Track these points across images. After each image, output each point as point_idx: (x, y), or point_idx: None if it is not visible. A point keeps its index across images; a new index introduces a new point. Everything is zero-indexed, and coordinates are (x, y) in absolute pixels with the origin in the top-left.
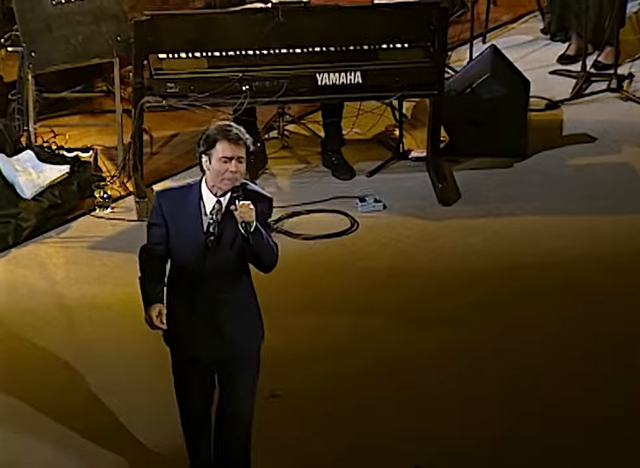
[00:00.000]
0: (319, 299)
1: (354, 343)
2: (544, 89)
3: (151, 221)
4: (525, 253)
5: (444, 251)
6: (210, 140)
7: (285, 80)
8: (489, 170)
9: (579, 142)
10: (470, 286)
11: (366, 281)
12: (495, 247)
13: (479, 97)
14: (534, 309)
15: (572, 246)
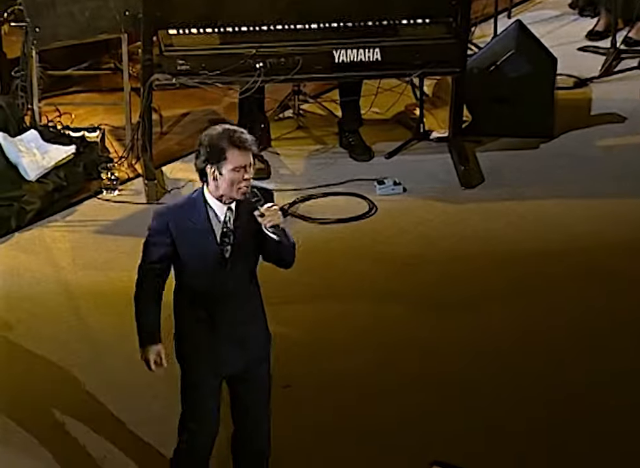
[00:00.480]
0: (336, 287)
1: (373, 331)
2: (571, 66)
3: (151, 240)
4: (549, 238)
5: (466, 236)
6: (217, 150)
7: (301, 57)
8: (513, 151)
9: (608, 122)
10: (492, 272)
11: (384, 267)
12: (519, 232)
13: (504, 75)
14: (558, 294)
15: (598, 230)
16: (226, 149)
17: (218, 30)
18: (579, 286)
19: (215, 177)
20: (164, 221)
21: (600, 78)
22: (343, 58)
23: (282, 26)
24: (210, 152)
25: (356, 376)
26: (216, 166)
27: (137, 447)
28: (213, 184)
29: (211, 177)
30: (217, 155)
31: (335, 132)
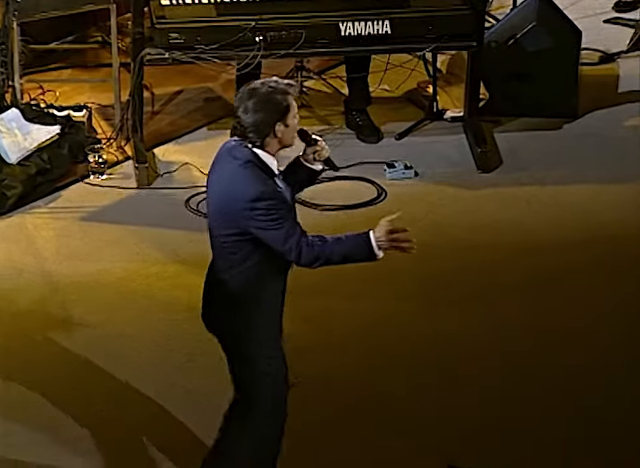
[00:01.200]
0: (342, 278)
1: (383, 326)
2: (597, 40)
3: (288, 218)
4: (573, 226)
5: (482, 224)
6: (283, 104)
7: (304, 29)
8: (534, 132)
9: (636, 100)
10: (511, 263)
11: (393, 258)
12: (540, 219)
13: (524, 50)
14: (583, 287)
15: (626, 217)
16: (288, 100)
17: (214, 1)
18: (606, 277)
19: (282, 132)
20: (278, 191)
21: (628, 53)
22: (349, 31)
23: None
24: (276, 108)
25: (365, 372)
26: (282, 121)
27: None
28: (274, 142)
29: (279, 133)
30: (282, 109)
31: (342, 111)
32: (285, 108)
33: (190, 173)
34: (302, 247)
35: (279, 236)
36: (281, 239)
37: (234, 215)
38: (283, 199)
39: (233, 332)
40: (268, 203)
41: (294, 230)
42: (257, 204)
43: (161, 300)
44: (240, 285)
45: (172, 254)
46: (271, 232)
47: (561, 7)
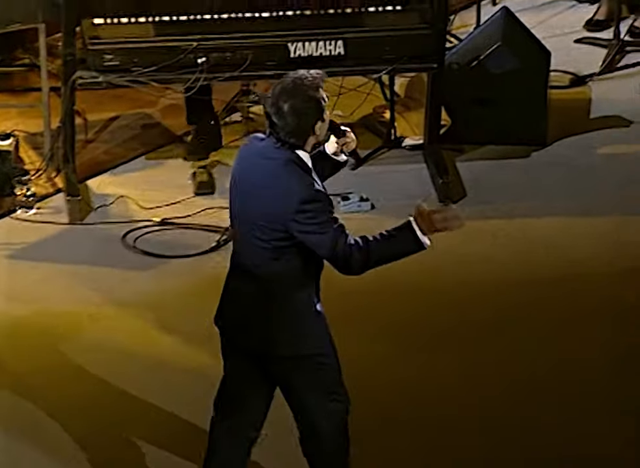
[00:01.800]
0: None
1: (350, 368)
2: (567, 61)
3: (333, 215)
4: (543, 263)
5: (447, 260)
6: (320, 102)
7: (250, 50)
8: (500, 161)
9: (610, 126)
10: (479, 300)
11: (347, 298)
12: (508, 254)
13: (488, 72)
14: (554, 328)
15: (600, 253)
16: (321, 95)
17: (152, 19)
18: (578, 318)
19: (320, 129)
20: (324, 192)
21: (600, 75)
22: (299, 52)
23: (228, 15)
24: (314, 110)
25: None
26: (320, 118)
27: None
28: (313, 139)
29: (318, 131)
30: (321, 107)
31: None
32: (323, 104)
33: (127, 207)
34: (353, 252)
35: (326, 240)
36: (328, 244)
37: (282, 217)
38: (330, 201)
39: (285, 346)
40: (317, 205)
41: (341, 233)
42: (306, 206)
43: (96, 344)
44: (278, 292)
45: (107, 294)
46: (317, 236)
47: (528, 26)
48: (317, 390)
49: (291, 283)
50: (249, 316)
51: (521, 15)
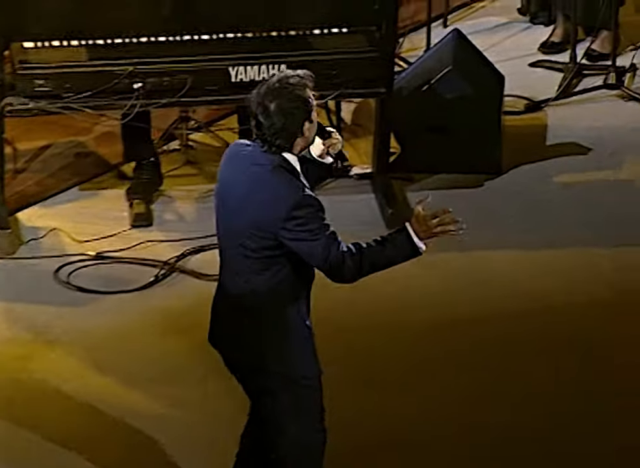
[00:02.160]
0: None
1: None
2: (522, 86)
3: (325, 221)
4: (498, 299)
5: (393, 297)
6: (308, 101)
7: (189, 75)
8: (452, 191)
9: (568, 154)
10: (432, 339)
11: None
12: (462, 289)
13: (440, 97)
14: (511, 368)
15: (559, 288)
16: (309, 95)
17: (85, 43)
18: (538, 357)
19: (308, 130)
20: (314, 197)
21: (557, 100)
22: (241, 76)
23: (166, 38)
24: (303, 105)
25: None
26: (308, 119)
27: None
28: (301, 141)
29: (306, 132)
30: (309, 107)
31: None
32: (311, 103)
33: (60, 240)
34: (346, 259)
35: (318, 248)
36: (319, 252)
37: (271, 225)
38: (321, 206)
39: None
40: (307, 211)
41: (334, 241)
42: (296, 212)
43: (31, 388)
44: (268, 306)
45: (40, 332)
46: (308, 244)
47: (481, 48)
48: (298, 415)
49: (280, 298)
50: (239, 333)
51: (473, 37)
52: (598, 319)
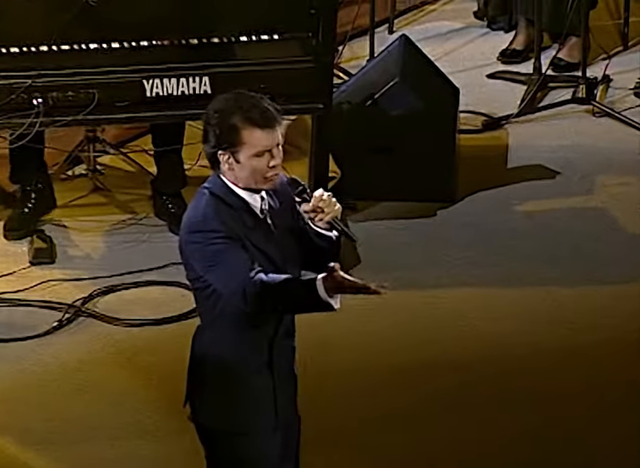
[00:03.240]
0: (148, 421)
1: None
2: (479, 100)
3: (229, 252)
4: (448, 343)
5: (330, 341)
6: (229, 131)
7: (97, 89)
8: (400, 221)
9: (532, 179)
10: (377, 389)
11: None
12: (409, 333)
13: (385, 113)
14: (466, 419)
15: (517, 331)
16: (240, 129)
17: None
18: (494, 406)
19: (231, 166)
20: (222, 222)
21: (519, 116)
22: (157, 90)
23: (70, 47)
24: (220, 134)
25: None
26: (230, 153)
27: None
28: (230, 174)
29: (225, 165)
30: (230, 138)
31: (149, 195)
32: (234, 136)
33: None
34: (246, 292)
35: (218, 274)
36: (220, 279)
37: (182, 252)
38: (230, 229)
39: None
40: (204, 234)
41: (238, 268)
42: (193, 236)
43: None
44: (211, 347)
45: None
46: (210, 270)
47: (432, 58)
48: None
49: (220, 335)
50: (188, 378)
51: (423, 45)
52: (559, 367)
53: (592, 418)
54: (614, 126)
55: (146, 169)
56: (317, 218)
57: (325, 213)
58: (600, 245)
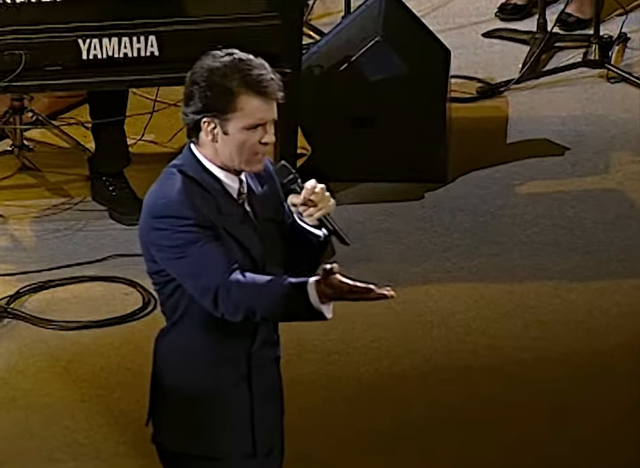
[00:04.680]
0: (89, 440)
1: None
2: (475, 63)
3: (197, 229)
4: (440, 349)
5: (305, 349)
6: (222, 94)
7: (24, 51)
8: (382, 205)
9: (536, 155)
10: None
11: None
12: (391, 339)
13: (364, 79)
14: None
15: (518, 334)
16: (236, 94)
17: None
18: (498, 419)
19: (215, 137)
20: (193, 207)
21: (521, 82)
22: (95, 51)
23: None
24: (209, 96)
25: None
26: (218, 120)
27: None
28: (210, 147)
29: (209, 135)
30: (222, 102)
31: (86, 176)
32: (228, 101)
33: None
34: (218, 291)
35: (186, 268)
36: (187, 274)
37: (143, 240)
38: (203, 216)
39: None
40: (172, 221)
41: (210, 262)
42: (158, 222)
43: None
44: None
45: None
46: (175, 263)
47: (418, 13)
48: None
49: (187, 339)
50: (150, 390)
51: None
52: (569, 376)
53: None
54: (631, 93)
55: (83, 145)
56: (306, 212)
57: (317, 208)
58: (615, 233)
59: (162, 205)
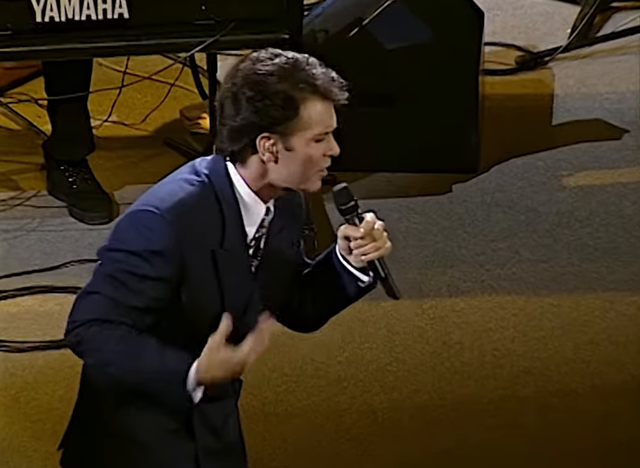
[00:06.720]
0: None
1: None
2: (513, 27)
3: (152, 274)
4: (470, 375)
5: (305, 373)
6: (286, 105)
7: None
8: (400, 200)
9: (585, 140)
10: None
11: None
12: (418, 361)
13: (377, 47)
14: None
15: (568, 357)
16: (300, 100)
17: None
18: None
19: (274, 155)
20: (172, 235)
21: (569, 50)
22: (51, 13)
23: None
24: (266, 107)
25: None
26: (278, 135)
27: None
28: (257, 168)
29: (265, 154)
30: (284, 112)
31: (40, 164)
32: (292, 110)
33: None
34: (77, 327)
35: (98, 279)
36: (92, 283)
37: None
38: (163, 253)
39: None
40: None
41: (120, 299)
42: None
43: None
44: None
45: None
46: (102, 266)
47: None
48: None
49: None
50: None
51: None
52: (629, 412)
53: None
54: None
55: (36, 126)
56: (360, 250)
57: (374, 246)
58: None
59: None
